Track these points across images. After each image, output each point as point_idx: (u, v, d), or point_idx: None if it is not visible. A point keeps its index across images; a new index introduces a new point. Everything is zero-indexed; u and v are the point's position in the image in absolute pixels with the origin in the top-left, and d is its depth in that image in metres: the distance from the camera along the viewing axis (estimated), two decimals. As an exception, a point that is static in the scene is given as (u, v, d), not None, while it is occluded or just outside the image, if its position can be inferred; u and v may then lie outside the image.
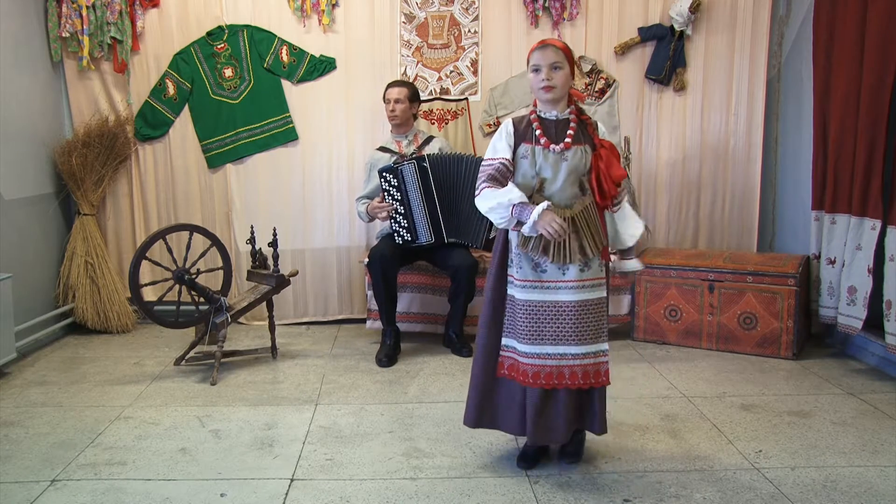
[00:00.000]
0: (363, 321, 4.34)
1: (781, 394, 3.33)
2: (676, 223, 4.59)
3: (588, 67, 4.45)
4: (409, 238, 3.83)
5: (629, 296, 4.18)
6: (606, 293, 2.50)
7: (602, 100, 4.47)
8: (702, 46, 4.43)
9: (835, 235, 3.79)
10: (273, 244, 3.80)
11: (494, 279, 2.53)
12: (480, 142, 4.50)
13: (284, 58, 4.44)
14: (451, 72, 4.50)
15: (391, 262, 3.82)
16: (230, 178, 4.54)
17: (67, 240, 4.39)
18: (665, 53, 4.39)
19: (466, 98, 4.52)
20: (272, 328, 3.91)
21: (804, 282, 3.90)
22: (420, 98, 4.16)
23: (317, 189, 4.55)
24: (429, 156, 3.82)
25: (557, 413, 2.48)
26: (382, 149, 4.15)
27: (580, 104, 2.54)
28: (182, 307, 3.63)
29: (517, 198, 2.38)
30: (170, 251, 3.60)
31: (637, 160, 4.50)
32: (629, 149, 4.38)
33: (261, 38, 4.44)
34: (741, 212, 4.52)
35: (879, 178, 3.50)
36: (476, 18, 4.46)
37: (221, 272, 3.82)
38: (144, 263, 3.56)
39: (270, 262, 3.88)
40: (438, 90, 4.51)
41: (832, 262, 3.81)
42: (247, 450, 2.77)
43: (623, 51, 4.45)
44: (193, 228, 3.72)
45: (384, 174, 3.81)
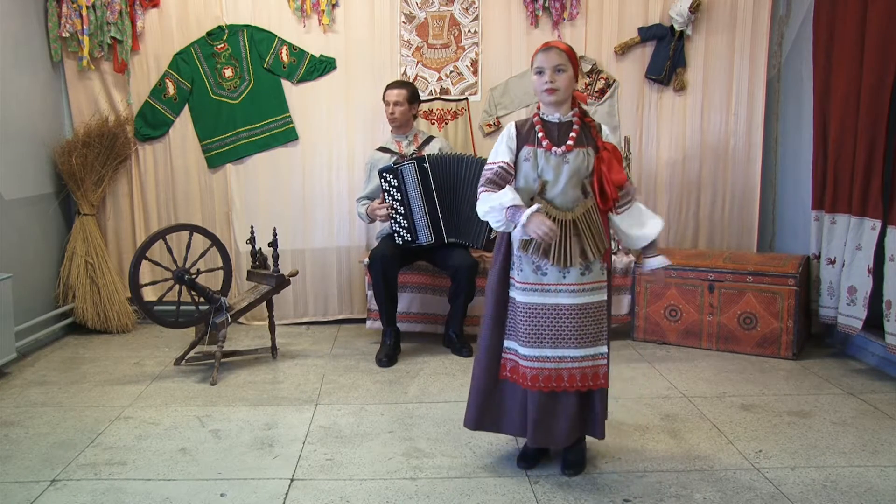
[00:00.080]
0: (363, 321, 4.35)
1: (781, 394, 3.33)
2: (676, 223, 4.59)
3: (588, 67, 4.45)
4: (409, 238, 3.83)
5: (629, 296, 4.18)
6: (608, 296, 2.49)
7: (602, 100, 4.47)
8: (702, 46, 4.43)
9: (835, 235, 3.79)
10: (273, 244, 3.80)
11: (497, 281, 2.52)
12: (480, 142, 4.51)
13: (284, 58, 4.44)
14: (451, 72, 4.50)
15: (391, 263, 3.82)
16: (230, 178, 4.54)
17: (67, 240, 4.39)
18: (665, 53, 4.39)
19: (466, 98, 4.52)
20: (272, 328, 3.91)
21: (804, 282, 3.90)
22: (420, 98, 4.16)
23: (317, 189, 4.55)
24: (429, 156, 3.82)
25: (559, 417, 2.48)
26: (382, 149, 4.15)
27: (584, 106, 2.53)
28: (182, 307, 3.63)
29: (509, 201, 2.37)
30: (170, 251, 3.60)
31: (637, 160, 4.50)
32: (629, 149, 4.38)
33: (261, 38, 4.44)
34: (741, 212, 4.52)
35: (879, 178, 3.50)
36: (476, 18, 4.46)
37: (221, 272, 3.82)
38: (144, 263, 3.56)
39: (270, 262, 3.88)
40: (438, 90, 4.51)
41: (832, 262, 3.81)
42: (247, 450, 2.76)
43: (623, 51, 4.45)
44: (193, 228, 3.71)
45: (384, 174, 3.81)
